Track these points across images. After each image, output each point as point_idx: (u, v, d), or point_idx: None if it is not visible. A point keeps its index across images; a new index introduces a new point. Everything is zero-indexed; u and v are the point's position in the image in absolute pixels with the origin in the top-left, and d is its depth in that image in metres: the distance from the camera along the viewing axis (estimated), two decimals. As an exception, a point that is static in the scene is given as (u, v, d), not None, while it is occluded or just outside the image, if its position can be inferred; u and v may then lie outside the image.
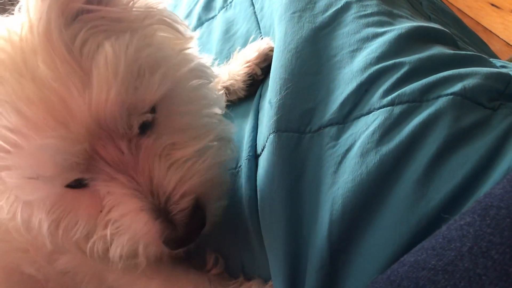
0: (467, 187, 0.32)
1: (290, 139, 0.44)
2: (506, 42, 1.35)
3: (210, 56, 0.52)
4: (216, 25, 0.81)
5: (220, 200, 0.44)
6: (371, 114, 0.40)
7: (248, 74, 0.61)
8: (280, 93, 0.47)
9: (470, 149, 0.34)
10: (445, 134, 0.35)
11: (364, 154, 0.37)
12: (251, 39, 0.65)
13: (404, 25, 0.48)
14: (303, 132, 0.44)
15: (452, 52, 0.45)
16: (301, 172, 0.42)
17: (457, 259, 0.25)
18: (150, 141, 0.39)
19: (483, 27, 1.41)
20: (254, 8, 0.72)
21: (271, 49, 0.60)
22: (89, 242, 0.41)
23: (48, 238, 0.41)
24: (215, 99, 0.49)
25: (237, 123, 0.57)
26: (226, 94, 0.62)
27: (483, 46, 0.75)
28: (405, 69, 0.42)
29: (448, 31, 0.52)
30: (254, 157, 0.49)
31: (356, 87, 0.43)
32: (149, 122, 0.39)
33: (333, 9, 0.53)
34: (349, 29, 0.50)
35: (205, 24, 0.86)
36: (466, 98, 0.37)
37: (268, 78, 0.54)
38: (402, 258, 0.29)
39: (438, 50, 0.45)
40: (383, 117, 0.39)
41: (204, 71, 0.47)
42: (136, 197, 0.38)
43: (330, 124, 0.43)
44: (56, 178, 0.36)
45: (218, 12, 0.85)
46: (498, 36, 1.37)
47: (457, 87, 0.38)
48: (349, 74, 0.45)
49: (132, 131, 0.38)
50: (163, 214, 0.38)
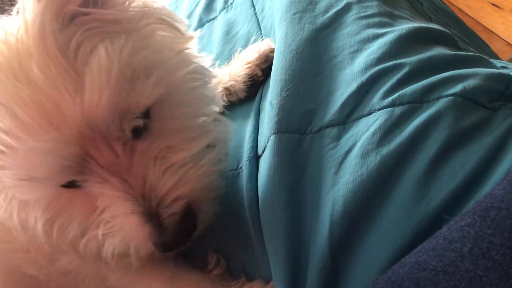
0: (468, 188, 0.32)
1: (291, 140, 0.44)
2: (507, 42, 1.35)
3: (210, 56, 0.52)
4: (217, 26, 0.81)
5: (214, 206, 0.44)
6: (372, 115, 0.41)
7: (249, 75, 0.61)
8: (281, 94, 0.47)
9: (471, 150, 0.34)
10: (446, 135, 0.35)
11: (365, 155, 0.38)
12: (252, 40, 0.65)
13: (405, 26, 0.48)
14: (304, 133, 0.44)
15: (453, 53, 0.45)
16: (302, 173, 0.42)
17: (458, 260, 0.25)
18: (146, 144, 0.39)
19: (484, 27, 1.41)
20: (255, 9, 0.72)
21: (272, 51, 0.60)
22: (82, 241, 0.41)
23: (43, 238, 0.42)
24: (212, 99, 0.49)
25: (238, 124, 0.57)
26: (227, 95, 0.62)
27: (484, 46, 0.75)
28: (406, 70, 0.42)
29: (449, 32, 0.52)
30: (255, 158, 0.49)
31: (357, 88, 0.43)
32: (143, 126, 0.39)
33: (334, 10, 0.53)
34: (350, 30, 0.50)
35: (206, 25, 0.86)
36: (467, 99, 0.37)
37: (269, 79, 0.54)
38: (403, 259, 0.29)
39: (439, 51, 0.45)
40: (384, 118, 0.39)
41: (202, 73, 0.47)
42: (128, 200, 0.38)
43: (331, 125, 0.43)
44: (49, 180, 0.36)
45: (219, 13, 0.85)
46: (499, 36, 1.37)
47: (458, 88, 0.38)
48: (350, 75, 0.45)
49: (125, 135, 0.38)
50: (154, 218, 0.38)
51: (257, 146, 0.50)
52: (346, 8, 0.53)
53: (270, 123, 0.46)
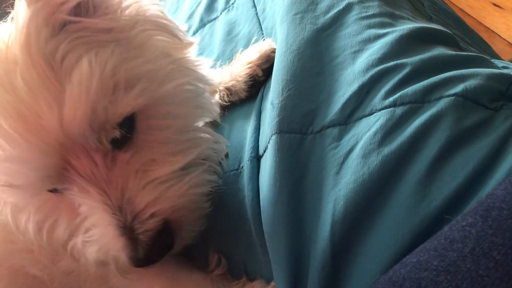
0: (469, 188, 0.32)
1: (292, 140, 0.44)
2: (508, 42, 1.35)
3: (209, 60, 0.52)
4: (218, 27, 0.81)
5: (196, 226, 0.44)
6: (373, 115, 0.41)
7: (250, 75, 0.61)
8: (282, 94, 0.47)
9: (472, 150, 0.34)
10: (447, 135, 0.35)
11: (366, 155, 0.38)
12: (253, 41, 0.65)
13: (406, 26, 0.48)
14: (305, 133, 0.44)
15: (454, 53, 0.45)
16: (303, 173, 0.42)
17: (459, 260, 0.25)
18: (127, 156, 0.39)
19: (485, 27, 1.41)
20: (256, 10, 0.72)
21: (273, 51, 0.60)
22: (69, 245, 0.41)
23: (35, 239, 0.42)
24: (205, 110, 0.48)
25: (239, 124, 0.57)
26: (228, 95, 0.62)
27: (485, 46, 0.74)
28: (407, 70, 0.42)
29: (450, 32, 0.52)
30: (256, 158, 0.49)
31: (358, 88, 0.43)
32: (123, 137, 0.38)
33: (335, 11, 0.53)
34: (351, 31, 0.50)
35: (207, 26, 0.86)
36: (468, 99, 0.37)
37: (270, 80, 0.55)
38: (404, 259, 0.29)
39: (440, 51, 0.45)
40: (385, 118, 0.39)
41: (197, 82, 0.46)
42: (106, 211, 0.38)
43: (332, 125, 0.43)
44: (30, 187, 0.37)
45: (220, 14, 0.85)
46: (500, 36, 1.37)
47: (459, 88, 0.38)
48: (351, 75, 0.45)
49: (104, 146, 0.38)
50: (128, 232, 0.38)
51: (258, 146, 0.50)
52: (347, 9, 0.53)
53: (271, 123, 0.46)
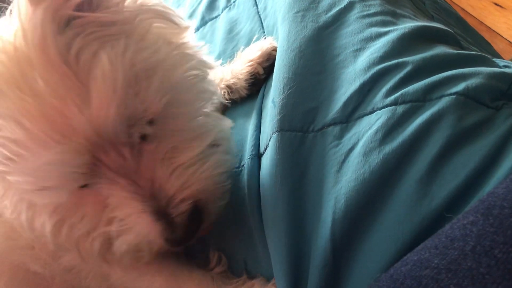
0: (470, 186, 0.32)
1: (293, 138, 0.44)
2: (510, 42, 1.35)
3: (207, 46, 0.52)
4: (220, 25, 0.81)
5: (220, 202, 0.45)
6: (374, 114, 0.41)
7: (251, 73, 0.61)
8: (283, 92, 0.47)
9: (473, 149, 0.34)
10: (448, 134, 0.35)
11: (367, 153, 0.38)
12: (255, 39, 0.65)
13: (407, 25, 0.48)
14: (306, 131, 0.44)
15: (455, 52, 0.45)
16: (304, 171, 0.42)
17: (460, 258, 0.25)
18: (152, 146, 0.40)
19: (487, 27, 1.41)
20: (258, 8, 0.72)
21: (274, 49, 0.60)
22: (89, 239, 0.42)
23: (50, 238, 0.42)
24: (212, 93, 0.49)
25: (240, 122, 0.57)
26: (229, 93, 0.62)
27: (486, 46, 0.74)
28: (408, 69, 0.42)
29: (451, 31, 0.52)
30: (257, 156, 0.49)
31: (359, 87, 0.43)
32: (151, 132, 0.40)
33: (337, 9, 0.53)
34: (353, 29, 0.50)
35: (209, 24, 0.86)
36: (469, 98, 0.37)
37: (271, 78, 0.55)
38: (405, 257, 0.29)
39: (441, 50, 0.45)
40: (386, 117, 0.39)
41: (201, 66, 0.47)
42: (137, 200, 0.39)
43: (333, 123, 0.43)
44: (62, 188, 0.37)
45: (222, 12, 0.85)
46: (502, 36, 1.37)
47: (460, 87, 0.38)
48: (352, 74, 0.45)
49: (134, 140, 0.39)
50: (164, 217, 0.40)
51: (259, 144, 0.50)
52: (349, 7, 0.53)
53: (272, 121, 0.46)
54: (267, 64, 0.61)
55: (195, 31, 0.87)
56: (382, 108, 0.40)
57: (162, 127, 0.41)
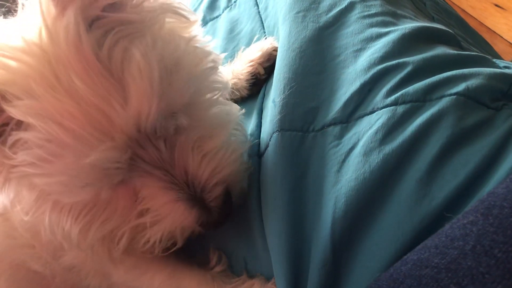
0: (470, 186, 0.32)
1: (294, 138, 0.44)
2: (510, 43, 1.35)
3: (215, 41, 0.53)
4: (221, 25, 0.81)
5: (243, 183, 0.48)
6: (375, 114, 0.41)
7: (251, 74, 0.61)
8: (284, 92, 0.47)
9: (473, 149, 0.34)
10: (448, 134, 0.35)
11: (367, 153, 0.38)
12: (255, 39, 0.66)
13: (408, 25, 0.48)
14: (307, 131, 0.44)
15: (456, 53, 0.45)
16: (304, 171, 0.42)
17: (460, 258, 0.25)
18: (183, 137, 0.42)
19: (487, 28, 1.41)
20: (259, 8, 0.72)
21: (275, 49, 0.60)
22: (119, 233, 0.43)
23: (77, 240, 0.42)
24: (225, 84, 0.51)
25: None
26: (230, 93, 0.62)
27: (487, 47, 0.75)
28: (409, 69, 0.42)
29: (452, 32, 0.52)
30: (258, 156, 0.49)
31: (360, 87, 0.43)
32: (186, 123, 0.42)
33: (337, 9, 0.53)
34: (353, 29, 0.50)
35: (210, 24, 0.86)
36: (469, 98, 0.38)
37: (272, 78, 0.55)
38: (405, 257, 0.29)
39: (442, 51, 0.45)
40: (387, 117, 0.39)
41: (213, 59, 0.48)
42: (172, 189, 0.41)
43: (334, 123, 0.43)
44: (103, 183, 0.38)
45: (223, 12, 0.85)
46: (502, 37, 1.37)
47: (461, 87, 0.38)
48: (353, 74, 0.45)
49: (169, 133, 0.40)
50: (199, 202, 0.42)
51: (260, 144, 0.50)
52: (350, 7, 0.53)
53: (273, 121, 0.46)
54: (268, 64, 0.61)
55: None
56: (383, 108, 0.40)
57: (189, 118, 0.42)
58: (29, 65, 0.35)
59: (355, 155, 0.39)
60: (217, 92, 0.48)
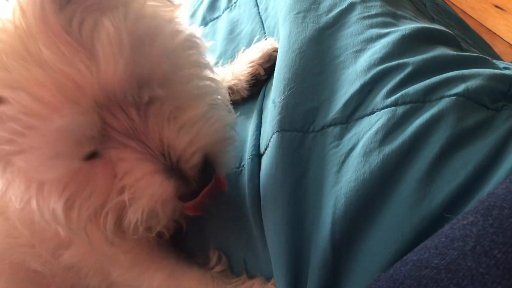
0: (470, 187, 0.32)
1: (293, 139, 0.44)
2: (510, 44, 1.35)
3: (200, 29, 0.53)
4: (221, 25, 0.81)
5: (227, 153, 0.46)
6: (375, 114, 0.41)
7: (252, 74, 0.61)
8: (284, 93, 0.47)
9: (473, 150, 0.34)
10: (448, 135, 0.35)
11: (367, 154, 0.38)
12: (256, 40, 0.66)
13: (408, 26, 0.48)
14: (306, 132, 0.44)
15: (456, 53, 0.45)
16: (304, 171, 0.42)
17: (460, 258, 0.25)
18: (157, 107, 0.41)
19: (487, 29, 1.41)
20: (259, 9, 0.73)
21: (275, 50, 0.60)
22: (102, 213, 0.42)
23: (63, 220, 0.42)
24: (207, 65, 0.50)
25: (240, 123, 0.57)
26: (230, 94, 0.62)
27: (487, 48, 0.75)
28: (409, 70, 0.42)
29: (452, 33, 0.53)
30: (257, 156, 0.49)
31: (360, 87, 0.43)
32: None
33: (337, 10, 0.53)
34: (353, 30, 0.50)
35: (210, 24, 0.86)
36: (469, 99, 0.38)
37: (272, 79, 0.55)
38: (405, 257, 0.29)
39: (442, 51, 0.45)
40: (387, 117, 0.39)
41: (195, 41, 0.48)
42: (149, 161, 0.40)
43: (334, 124, 0.43)
44: (74, 153, 0.38)
45: (223, 12, 0.85)
46: (502, 38, 1.37)
47: (460, 88, 0.38)
48: (353, 74, 0.45)
49: (142, 101, 0.39)
50: (176, 173, 0.40)
51: (260, 145, 0.50)
52: (350, 8, 0.53)
53: (273, 122, 0.46)
54: (268, 65, 0.61)
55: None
56: (383, 109, 0.40)
57: (166, 91, 0.42)
58: (3, 42, 0.35)
59: (355, 156, 0.39)
60: (198, 68, 0.47)
